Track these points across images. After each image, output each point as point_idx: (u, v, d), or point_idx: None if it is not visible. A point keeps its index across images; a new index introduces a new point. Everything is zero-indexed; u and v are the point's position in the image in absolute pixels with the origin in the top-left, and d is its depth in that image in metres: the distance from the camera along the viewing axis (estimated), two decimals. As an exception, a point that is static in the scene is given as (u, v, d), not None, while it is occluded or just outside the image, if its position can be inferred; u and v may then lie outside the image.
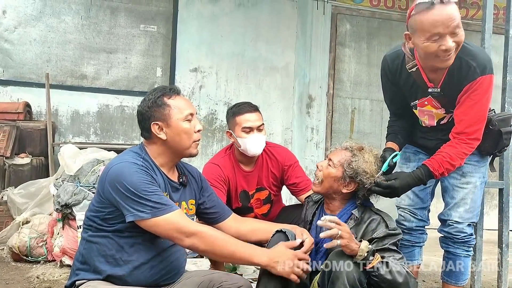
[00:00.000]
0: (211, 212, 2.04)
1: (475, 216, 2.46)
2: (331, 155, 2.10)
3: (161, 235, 1.71)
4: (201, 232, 1.72)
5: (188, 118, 1.83)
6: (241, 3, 5.19)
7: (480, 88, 2.13)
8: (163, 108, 1.81)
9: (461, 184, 2.42)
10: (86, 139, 4.78)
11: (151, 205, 1.67)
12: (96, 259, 1.74)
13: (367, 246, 1.77)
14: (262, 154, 2.73)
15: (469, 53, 2.12)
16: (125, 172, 1.70)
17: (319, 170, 2.09)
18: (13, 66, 4.65)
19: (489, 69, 2.14)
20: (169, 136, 1.82)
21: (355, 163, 2.02)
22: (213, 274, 1.86)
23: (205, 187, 2.06)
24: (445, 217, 2.48)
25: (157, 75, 5.03)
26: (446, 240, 2.50)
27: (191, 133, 1.84)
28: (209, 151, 5.05)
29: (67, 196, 3.20)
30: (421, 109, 2.38)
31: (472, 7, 5.77)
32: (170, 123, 1.81)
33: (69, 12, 4.78)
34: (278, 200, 2.91)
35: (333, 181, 2.04)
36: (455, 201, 2.44)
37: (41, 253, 3.33)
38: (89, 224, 1.78)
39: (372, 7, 5.54)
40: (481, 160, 2.43)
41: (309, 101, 5.41)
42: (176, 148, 1.84)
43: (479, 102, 2.15)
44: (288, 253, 1.78)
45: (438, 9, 1.99)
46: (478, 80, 2.12)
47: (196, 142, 1.87)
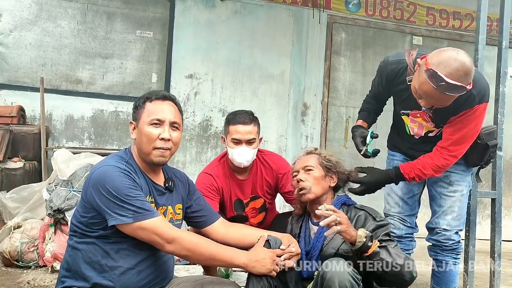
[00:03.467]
0: (198, 215, 2.04)
1: (462, 224, 2.52)
2: (300, 164, 2.16)
3: (142, 240, 1.71)
4: (181, 237, 1.73)
5: (153, 122, 1.79)
6: (237, 11, 5.21)
7: (474, 115, 2.18)
8: (139, 109, 1.84)
9: (448, 193, 2.47)
10: (80, 144, 4.76)
11: (134, 210, 1.67)
12: (82, 266, 1.72)
13: (365, 232, 1.83)
14: (256, 162, 2.72)
15: (473, 81, 2.07)
16: (108, 175, 1.70)
17: (302, 182, 2.10)
18: (7, 69, 4.63)
19: (487, 96, 2.18)
20: (136, 137, 1.83)
21: (326, 157, 2.14)
22: (204, 280, 1.85)
23: (192, 191, 2.05)
24: (433, 225, 2.51)
25: (153, 81, 5.03)
26: (435, 248, 2.53)
27: (151, 137, 1.78)
28: (203, 158, 5.04)
29: (60, 201, 3.18)
30: (412, 118, 2.41)
31: (466, 18, 5.83)
32: (138, 124, 1.82)
33: (65, 17, 4.78)
34: (272, 208, 2.91)
35: (322, 181, 2.11)
36: (443, 209, 2.47)
37: (32, 258, 3.30)
38: (74, 230, 1.77)
39: (367, 16, 5.58)
40: (467, 169, 2.50)
41: (304, 109, 5.42)
42: (140, 150, 1.83)
43: (469, 127, 2.21)
44: (266, 252, 1.82)
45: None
46: (474, 108, 2.15)
47: (158, 149, 1.80)
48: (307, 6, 5.37)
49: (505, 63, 2.98)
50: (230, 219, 2.68)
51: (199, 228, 2.05)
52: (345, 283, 1.69)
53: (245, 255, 1.80)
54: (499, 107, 2.95)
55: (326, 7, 5.41)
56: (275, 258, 1.82)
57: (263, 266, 1.78)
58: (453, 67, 1.90)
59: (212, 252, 1.77)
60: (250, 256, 1.80)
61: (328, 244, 1.98)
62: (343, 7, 5.51)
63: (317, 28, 5.41)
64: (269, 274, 1.79)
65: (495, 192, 2.96)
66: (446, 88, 1.90)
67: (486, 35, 2.91)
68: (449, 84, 1.89)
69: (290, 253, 1.88)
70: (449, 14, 5.81)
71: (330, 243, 1.98)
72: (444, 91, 1.92)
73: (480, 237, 3.03)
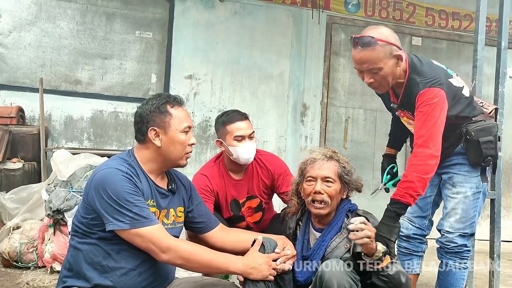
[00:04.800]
0: (198, 221, 2.03)
1: (468, 227, 2.42)
2: (322, 172, 1.98)
3: (139, 246, 1.71)
4: (177, 247, 1.72)
5: (185, 130, 1.85)
6: (237, 11, 5.21)
7: (424, 98, 2.17)
8: (164, 115, 1.81)
9: (452, 194, 2.44)
10: (79, 145, 4.76)
11: (131, 216, 1.67)
12: (83, 266, 1.73)
13: (382, 247, 1.82)
14: (252, 163, 2.71)
15: (417, 71, 2.23)
16: (109, 179, 1.70)
17: (321, 194, 1.96)
18: (7, 70, 4.63)
19: (435, 83, 2.18)
20: (164, 144, 1.82)
21: (345, 168, 2.01)
22: (204, 281, 1.85)
23: (194, 196, 2.05)
24: (439, 227, 2.50)
25: (152, 81, 5.03)
26: (440, 250, 2.51)
27: (185, 145, 1.86)
28: (202, 158, 5.04)
29: (59, 202, 3.18)
30: (401, 119, 2.45)
31: (465, 19, 5.84)
32: (167, 132, 1.81)
33: (64, 17, 4.78)
34: (269, 208, 2.90)
35: (339, 195, 2.01)
36: (447, 211, 2.45)
37: (32, 259, 3.30)
38: (76, 230, 1.77)
39: (366, 17, 5.59)
40: (472, 170, 2.42)
41: (303, 109, 5.43)
42: (168, 157, 1.84)
43: (427, 114, 2.16)
44: (262, 257, 1.82)
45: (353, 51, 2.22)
46: (423, 91, 2.17)
47: (187, 154, 1.89)
48: (306, 7, 5.37)
49: (504, 63, 2.98)
50: (227, 219, 2.69)
51: (198, 234, 2.05)
52: (343, 284, 1.69)
53: (241, 262, 1.79)
54: (498, 107, 2.95)
55: (325, 8, 5.41)
56: (271, 263, 1.81)
57: (259, 272, 1.78)
58: (363, 30, 2.25)
59: (208, 261, 1.77)
60: (245, 262, 1.79)
61: (331, 253, 1.93)
62: (342, 7, 5.52)
63: (316, 28, 5.41)
64: (266, 279, 1.79)
65: (494, 193, 2.95)
66: (358, 43, 2.15)
67: (485, 36, 2.91)
68: (358, 38, 2.16)
69: (286, 256, 1.88)
70: (448, 14, 5.82)
71: (333, 251, 1.93)
72: (358, 46, 2.15)
73: (480, 237, 3.03)
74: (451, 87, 2.28)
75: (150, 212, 1.74)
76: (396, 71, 2.22)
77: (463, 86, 2.36)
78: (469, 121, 2.38)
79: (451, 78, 2.31)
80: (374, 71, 2.19)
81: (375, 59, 2.16)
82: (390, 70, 2.19)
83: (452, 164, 2.44)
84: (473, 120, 2.39)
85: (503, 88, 2.97)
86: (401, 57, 2.20)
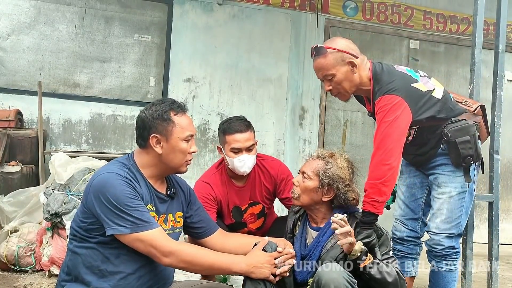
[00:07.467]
0: (198, 226, 2.03)
1: (454, 227, 2.40)
2: (304, 167, 2.10)
3: (140, 251, 1.70)
4: (178, 250, 1.72)
5: (187, 138, 1.85)
6: (235, 15, 5.22)
7: (379, 105, 2.21)
8: (167, 123, 1.81)
9: (437, 195, 2.44)
10: (77, 148, 4.76)
11: (132, 220, 1.66)
12: (81, 270, 1.72)
13: (360, 247, 1.85)
14: (254, 168, 2.69)
15: (377, 79, 2.28)
16: (109, 183, 1.69)
17: (295, 186, 2.08)
18: (5, 73, 4.62)
19: (390, 90, 2.20)
20: (165, 152, 1.81)
21: (330, 170, 2.02)
22: (202, 285, 1.85)
23: (193, 201, 2.05)
24: (427, 228, 2.52)
25: (151, 84, 5.03)
26: (429, 253, 2.51)
27: (186, 153, 1.86)
28: (201, 161, 5.04)
29: (57, 205, 3.17)
30: None
31: (463, 22, 5.86)
32: (169, 140, 1.81)
33: (63, 21, 4.78)
34: (271, 213, 2.90)
35: (312, 193, 2.04)
36: (433, 211, 2.46)
37: (29, 263, 3.29)
38: (74, 234, 1.77)
39: (364, 20, 5.60)
40: (456, 170, 2.40)
41: (302, 112, 5.43)
42: (168, 164, 1.84)
43: (380, 120, 2.20)
44: (264, 256, 1.83)
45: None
46: (378, 99, 2.23)
47: (187, 161, 1.88)
48: (304, 10, 5.38)
49: (502, 67, 2.99)
50: (229, 226, 2.67)
51: (197, 239, 2.05)
52: (342, 283, 1.69)
53: (244, 261, 1.80)
54: (496, 110, 2.96)
55: (324, 11, 5.43)
56: (273, 262, 1.82)
57: (262, 271, 1.79)
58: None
59: (210, 262, 1.76)
60: (248, 262, 1.80)
61: (326, 253, 1.96)
62: (340, 11, 5.53)
63: (315, 32, 5.42)
64: (268, 279, 1.79)
65: (492, 196, 2.96)
66: (313, 52, 2.29)
67: (483, 39, 2.92)
68: (313, 48, 2.29)
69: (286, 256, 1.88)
70: (446, 18, 5.84)
71: (329, 252, 1.96)
72: (314, 55, 2.29)
73: (478, 240, 3.04)
74: (414, 91, 2.26)
75: (151, 216, 1.74)
76: (353, 78, 2.27)
77: (433, 89, 2.33)
78: (449, 122, 2.37)
79: (416, 83, 2.29)
80: (329, 78, 2.28)
81: (327, 65, 2.25)
82: (343, 77, 2.26)
83: (437, 164, 2.44)
84: (452, 121, 2.37)
85: (501, 91, 2.98)
86: (354, 64, 2.25)
